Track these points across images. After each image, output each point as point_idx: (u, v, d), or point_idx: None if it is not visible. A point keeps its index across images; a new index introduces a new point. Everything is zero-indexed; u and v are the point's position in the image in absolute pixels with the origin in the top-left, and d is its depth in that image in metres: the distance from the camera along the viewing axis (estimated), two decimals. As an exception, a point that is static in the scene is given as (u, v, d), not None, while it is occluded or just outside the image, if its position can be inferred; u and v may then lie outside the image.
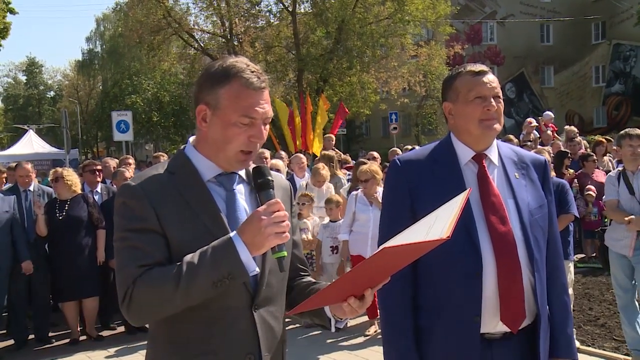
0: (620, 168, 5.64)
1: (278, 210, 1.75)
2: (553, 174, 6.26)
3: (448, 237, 1.63)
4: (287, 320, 2.08)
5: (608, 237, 5.61)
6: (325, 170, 7.98)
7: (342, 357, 6.07)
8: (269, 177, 1.87)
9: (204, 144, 1.93)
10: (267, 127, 1.92)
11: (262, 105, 1.87)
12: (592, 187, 9.06)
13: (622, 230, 5.34)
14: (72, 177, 7.11)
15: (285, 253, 1.79)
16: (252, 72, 1.87)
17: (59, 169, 7.36)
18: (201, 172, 1.91)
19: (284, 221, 1.75)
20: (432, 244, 1.66)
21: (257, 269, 1.77)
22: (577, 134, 12.01)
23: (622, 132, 5.51)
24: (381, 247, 1.60)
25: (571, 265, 6.13)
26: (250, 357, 1.88)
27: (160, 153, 11.53)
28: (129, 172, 7.68)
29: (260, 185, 1.87)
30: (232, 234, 1.76)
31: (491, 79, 2.32)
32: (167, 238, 1.81)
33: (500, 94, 2.34)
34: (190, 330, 1.85)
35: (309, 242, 7.04)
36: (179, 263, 1.75)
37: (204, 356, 1.84)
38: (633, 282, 5.44)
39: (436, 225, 1.71)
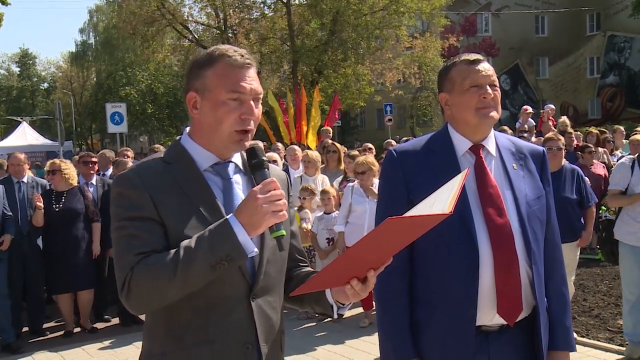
0: (630, 155, 5.43)
1: (274, 189, 1.74)
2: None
3: (450, 212, 1.63)
4: (284, 311, 2.06)
5: (620, 231, 5.17)
6: (316, 159, 7.85)
7: (337, 349, 6.07)
8: (263, 157, 1.86)
9: (199, 132, 1.92)
10: (260, 106, 1.91)
11: (250, 81, 1.86)
12: (586, 179, 9.03)
13: (637, 222, 4.96)
14: (69, 170, 7.04)
15: (284, 232, 1.78)
16: (236, 51, 1.88)
17: (57, 161, 7.24)
18: (197, 162, 1.91)
19: (280, 200, 1.73)
20: (435, 218, 1.66)
21: (256, 250, 1.76)
22: (568, 126, 11.96)
23: None
24: (387, 218, 1.58)
25: (577, 248, 5.77)
26: (248, 346, 1.86)
27: (157, 145, 11.51)
28: (131, 163, 7.62)
29: (254, 166, 1.86)
30: (228, 216, 1.75)
31: (486, 67, 2.30)
32: (165, 226, 1.80)
33: (497, 82, 2.31)
34: (187, 319, 1.83)
35: (308, 234, 7.01)
36: (176, 249, 1.74)
37: (201, 345, 1.83)
38: None
39: (436, 205, 1.71)
